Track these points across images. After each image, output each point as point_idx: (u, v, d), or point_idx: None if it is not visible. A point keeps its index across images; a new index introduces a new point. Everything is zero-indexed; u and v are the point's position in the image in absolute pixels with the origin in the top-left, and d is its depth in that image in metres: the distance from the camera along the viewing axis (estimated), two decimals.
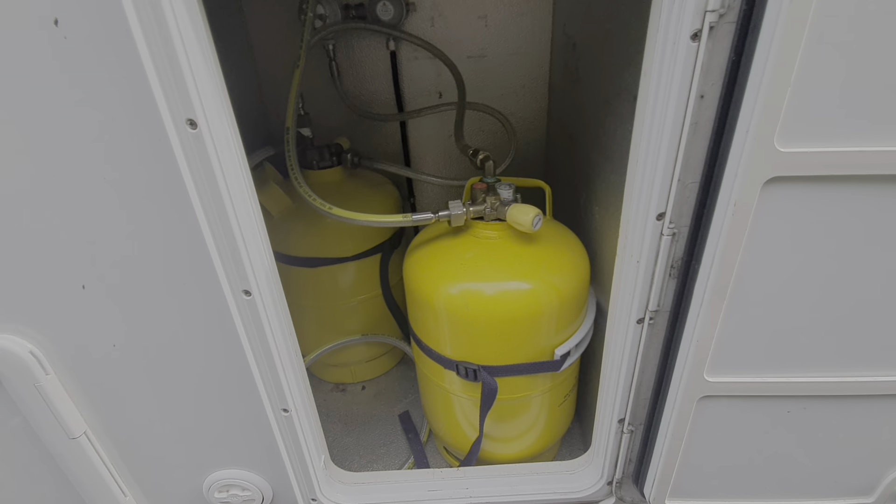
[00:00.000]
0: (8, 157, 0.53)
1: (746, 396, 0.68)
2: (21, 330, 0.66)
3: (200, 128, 0.51)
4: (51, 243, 0.59)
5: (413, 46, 1.25)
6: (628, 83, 0.73)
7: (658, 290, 0.64)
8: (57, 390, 0.71)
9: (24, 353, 0.66)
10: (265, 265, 0.63)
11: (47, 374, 0.69)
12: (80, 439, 0.75)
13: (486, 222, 0.83)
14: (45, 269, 0.61)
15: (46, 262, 0.61)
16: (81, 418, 0.75)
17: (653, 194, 0.58)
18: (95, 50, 0.48)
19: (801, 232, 0.56)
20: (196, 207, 0.55)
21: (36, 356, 0.68)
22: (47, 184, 0.55)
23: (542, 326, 0.81)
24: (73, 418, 0.74)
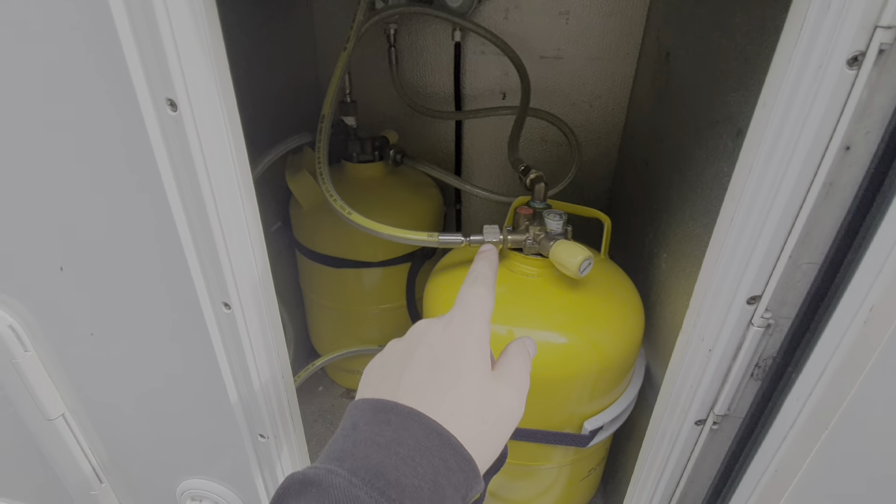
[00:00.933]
0: None
1: None
2: (4, 300, 0.62)
3: (181, 110, 0.42)
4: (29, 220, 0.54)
5: (481, 40, 1.12)
6: (732, 112, 0.56)
7: (732, 392, 0.48)
8: (36, 369, 0.67)
9: (3, 326, 0.62)
10: (253, 276, 0.54)
11: (26, 350, 0.65)
12: (56, 421, 0.71)
13: (526, 256, 0.70)
14: (26, 245, 0.56)
15: (26, 238, 0.55)
16: (61, 400, 0.71)
17: (748, 268, 0.42)
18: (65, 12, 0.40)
19: None
20: (173, 203, 0.47)
21: (15, 331, 0.63)
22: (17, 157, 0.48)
23: (572, 391, 0.67)
24: (51, 399, 0.69)
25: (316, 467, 0.30)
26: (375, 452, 0.30)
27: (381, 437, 0.31)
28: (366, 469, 0.29)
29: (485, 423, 0.34)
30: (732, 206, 0.43)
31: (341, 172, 1.07)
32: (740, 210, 0.42)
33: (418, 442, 0.31)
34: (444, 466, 0.30)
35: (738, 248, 0.42)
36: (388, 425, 0.31)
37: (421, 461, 0.30)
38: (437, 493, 0.30)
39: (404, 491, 0.29)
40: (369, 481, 0.28)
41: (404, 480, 0.29)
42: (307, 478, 0.29)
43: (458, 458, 0.31)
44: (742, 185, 0.42)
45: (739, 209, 0.42)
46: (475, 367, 0.36)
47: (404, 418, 0.32)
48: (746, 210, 0.41)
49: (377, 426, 0.32)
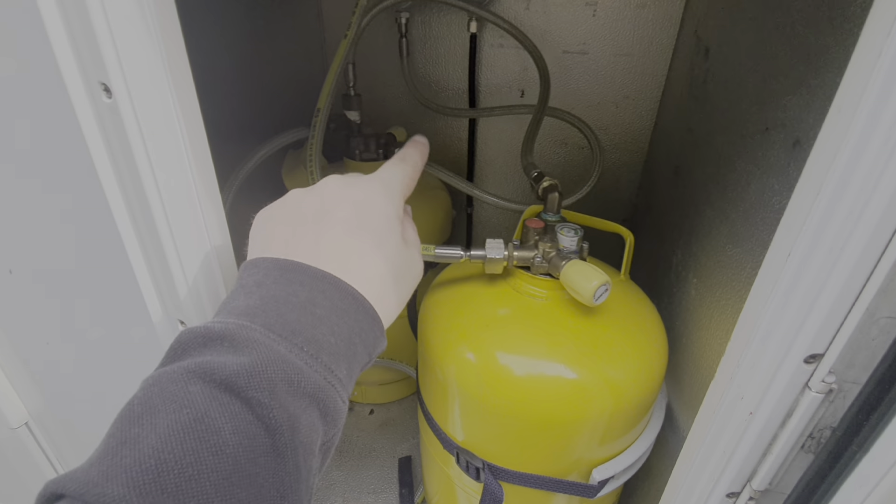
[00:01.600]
0: None
1: None
2: None
3: (116, 96, 0.35)
4: None
5: (499, 31, 1.03)
6: (788, 118, 0.47)
7: (776, 464, 0.39)
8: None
9: None
10: (217, 292, 0.47)
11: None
12: (19, 430, 0.66)
13: (533, 276, 0.62)
14: None
15: None
16: (24, 408, 0.66)
17: (808, 320, 0.33)
18: None
19: None
20: (114, 208, 0.40)
21: None
22: None
23: (581, 434, 0.58)
24: (12, 407, 0.65)
25: (221, 321, 0.29)
26: (290, 311, 0.30)
27: (296, 296, 0.30)
28: (281, 325, 0.29)
29: (399, 283, 0.37)
30: (790, 238, 0.34)
31: (342, 171, 0.99)
32: (801, 244, 0.33)
33: (334, 304, 0.31)
34: (357, 327, 0.32)
35: (796, 293, 0.33)
36: (301, 286, 0.31)
37: (338, 321, 0.31)
38: (350, 350, 0.31)
39: (322, 348, 0.29)
40: (287, 337, 0.28)
41: (321, 338, 0.29)
42: (212, 332, 0.28)
43: (369, 319, 0.33)
44: (805, 212, 0.32)
45: (800, 243, 0.33)
46: (392, 229, 0.37)
47: (318, 280, 0.32)
48: (810, 245, 0.32)
49: (289, 285, 0.31)
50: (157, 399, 0.25)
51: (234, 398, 0.25)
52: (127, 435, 0.24)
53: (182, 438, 0.23)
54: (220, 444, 0.24)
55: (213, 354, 0.27)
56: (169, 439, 0.23)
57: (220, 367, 0.26)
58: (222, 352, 0.27)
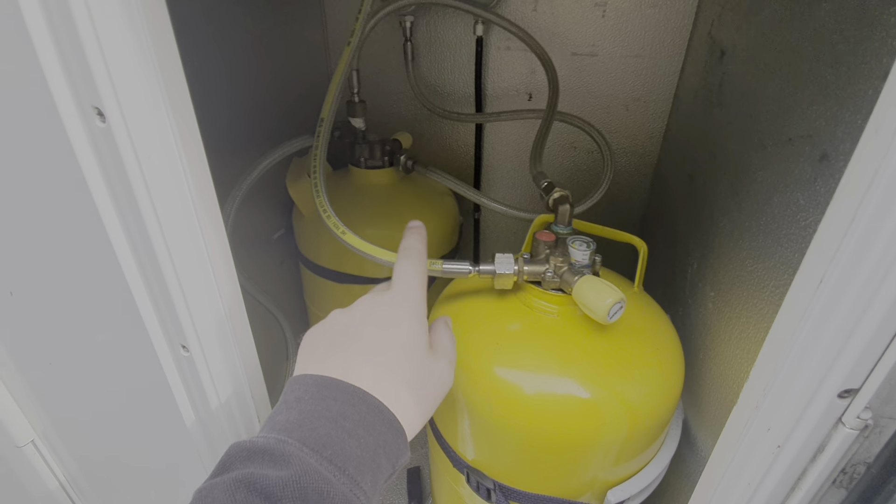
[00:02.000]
0: None
1: None
2: None
3: (110, 121, 0.34)
4: None
5: (506, 34, 1.01)
6: (816, 129, 0.44)
7: (805, 499, 0.37)
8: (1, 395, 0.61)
9: None
10: (218, 313, 0.46)
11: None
12: (25, 448, 0.66)
13: (544, 291, 0.60)
14: None
15: None
16: (29, 426, 0.65)
17: (843, 353, 0.31)
18: None
19: None
20: (110, 231, 0.39)
21: None
22: None
23: (595, 454, 0.56)
24: (17, 426, 0.64)
25: (264, 437, 0.32)
26: (323, 425, 0.33)
27: (328, 411, 0.33)
28: (314, 439, 0.32)
29: (421, 394, 0.39)
30: (822, 264, 0.32)
31: (347, 179, 0.98)
32: (835, 271, 0.31)
33: (362, 417, 0.34)
34: (381, 439, 0.34)
35: (830, 324, 0.31)
36: (334, 400, 0.34)
37: (364, 434, 0.33)
38: (375, 463, 0.33)
39: (349, 460, 0.32)
40: (318, 451, 0.31)
41: (349, 451, 0.32)
42: (256, 446, 0.31)
43: (393, 432, 0.35)
44: (839, 235, 0.30)
45: (834, 270, 0.31)
46: (416, 343, 0.40)
47: (349, 395, 0.35)
48: (846, 272, 0.30)
49: (323, 401, 0.34)
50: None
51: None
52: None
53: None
54: None
55: (256, 467, 0.30)
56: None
57: (262, 479, 0.29)
58: (264, 465, 0.30)
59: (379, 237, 0.68)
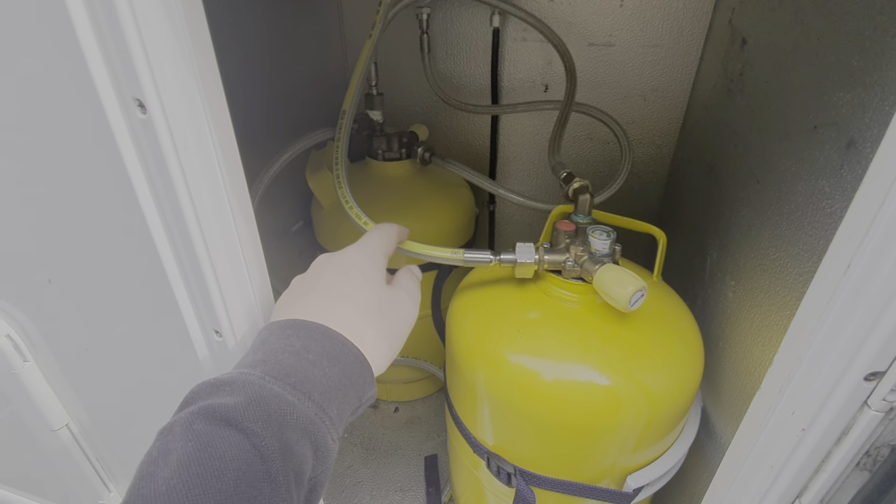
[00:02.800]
0: None
1: None
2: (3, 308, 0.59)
3: (151, 112, 0.35)
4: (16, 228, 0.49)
5: (522, 25, 1.01)
6: (842, 116, 0.44)
7: (829, 481, 0.37)
8: (36, 380, 0.63)
9: (1, 336, 0.59)
10: (248, 300, 0.47)
11: (25, 361, 0.61)
12: (60, 432, 0.68)
13: (565, 280, 0.60)
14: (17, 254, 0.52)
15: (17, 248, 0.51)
16: (64, 411, 0.68)
17: (870, 336, 0.31)
18: None
19: None
20: (150, 220, 0.41)
21: (14, 341, 0.60)
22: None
23: (614, 441, 0.57)
24: (53, 410, 0.66)
25: (227, 373, 0.33)
26: (287, 358, 0.33)
27: (291, 346, 0.34)
28: (278, 370, 0.32)
29: (382, 323, 0.40)
30: (850, 249, 0.32)
31: (365, 171, 0.99)
32: (864, 256, 0.31)
33: (325, 349, 0.35)
34: (348, 370, 0.35)
35: (857, 308, 0.31)
36: (297, 337, 0.35)
37: (328, 365, 0.34)
38: (340, 392, 0.34)
39: (314, 387, 0.32)
40: (282, 378, 0.32)
41: (314, 379, 0.33)
42: (218, 380, 0.32)
43: (358, 364, 0.36)
44: (868, 221, 0.31)
45: (862, 255, 0.31)
46: (370, 278, 0.42)
47: (311, 331, 0.36)
48: (874, 257, 0.30)
49: (287, 339, 0.35)
50: (168, 440, 0.29)
51: (233, 430, 0.29)
52: (145, 471, 0.28)
53: (188, 466, 0.27)
54: (221, 469, 0.27)
55: (216, 398, 0.30)
56: (178, 468, 0.27)
57: (221, 406, 0.29)
58: (224, 395, 0.30)
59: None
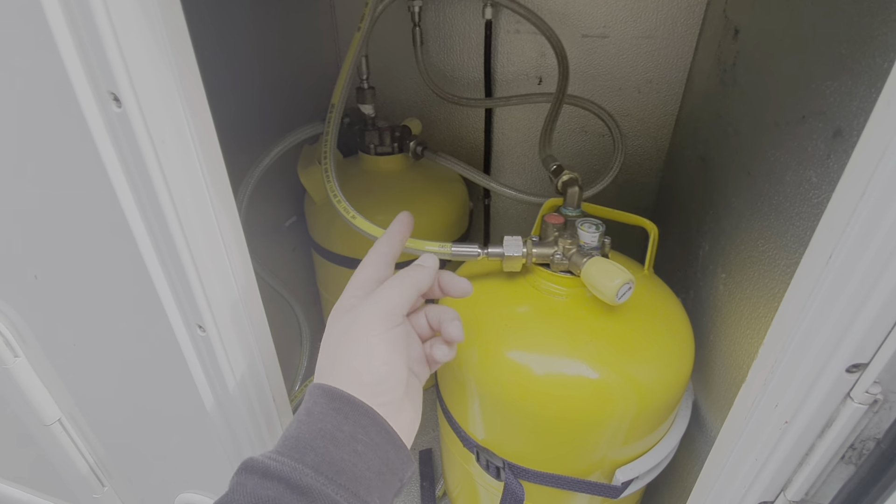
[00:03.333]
0: None
1: None
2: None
3: (126, 106, 0.35)
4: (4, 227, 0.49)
5: (515, 17, 1.00)
6: (829, 105, 0.44)
7: (813, 475, 0.37)
8: (27, 375, 0.63)
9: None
10: (232, 295, 0.47)
11: (16, 356, 0.61)
12: (52, 427, 0.68)
13: (553, 273, 0.60)
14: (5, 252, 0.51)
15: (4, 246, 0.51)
16: (56, 406, 0.68)
17: (852, 327, 0.31)
18: None
19: None
20: (129, 215, 0.40)
21: (4, 336, 0.60)
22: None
23: (603, 434, 0.57)
24: (45, 405, 0.66)
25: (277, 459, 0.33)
26: (336, 450, 0.35)
27: (341, 432, 0.35)
28: (329, 466, 0.34)
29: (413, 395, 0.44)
30: (832, 239, 0.31)
31: (358, 166, 0.99)
32: (845, 245, 0.30)
33: (371, 439, 0.36)
34: (387, 458, 0.37)
35: (839, 298, 0.31)
36: (345, 419, 0.36)
37: (372, 456, 0.36)
38: (382, 481, 0.36)
39: (360, 483, 0.34)
40: (333, 478, 0.33)
41: (360, 474, 0.35)
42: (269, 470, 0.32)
43: (397, 450, 0.38)
44: (849, 210, 0.30)
45: (843, 244, 0.31)
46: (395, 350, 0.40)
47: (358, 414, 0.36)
48: (856, 246, 0.30)
49: (335, 418, 0.36)
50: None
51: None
52: None
53: None
54: None
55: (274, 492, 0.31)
56: None
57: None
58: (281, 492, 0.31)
59: (389, 223, 0.68)
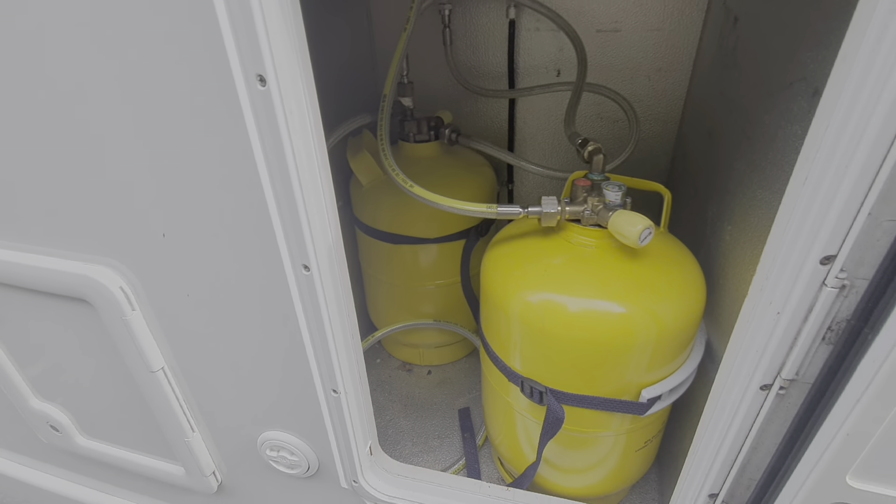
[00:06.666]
0: (107, 103, 0.54)
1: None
2: (114, 265, 0.70)
3: (269, 85, 0.46)
4: (136, 188, 0.60)
5: (536, 16, 1.12)
6: (808, 72, 0.54)
7: (801, 355, 0.47)
8: (141, 326, 0.75)
9: (115, 287, 0.71)
10: (328, 241, 0.59)
11: (133, 309, 0.73)
12: (157, 374, 0.80)
13: (584, 227, 0.71)
14: (133, 212, 0.63)
15: (133, 206, 0.62)
16: (161, 355, 0.80)
17: (822, 227, 0.42)
18: None
19: None
20: (261, 173, 0.52)
21: (125, 292, 0.72)
22: (137, 129, 0.55)
23: (630, 360, 0.67)
24: (153, 354, 0.78)
25: None
26: None
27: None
28: None
29: None
30: (807, 166, 0.42)
31: (398, 152, 1.11)
32: (815, 168, 0.41)
33: None
34: None
35: (813, 207, 0.42)
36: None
37: None
38: None
39: None
40: None
41: None
42: None
43: None
44: (818, 142, 0.41)
45: (815, 167, 0.41)
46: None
47: None
48: (823, 167, 0.41)
49: None
50: None
51: None
52: None
53: None
54: None
55: None
56: None
57: None
58: None
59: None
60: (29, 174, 0.63)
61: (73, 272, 0.70)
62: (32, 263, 0.72)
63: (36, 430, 1.03)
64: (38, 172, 0.62)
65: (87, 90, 0.53)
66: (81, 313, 0.77)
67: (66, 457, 1.09)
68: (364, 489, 0.83)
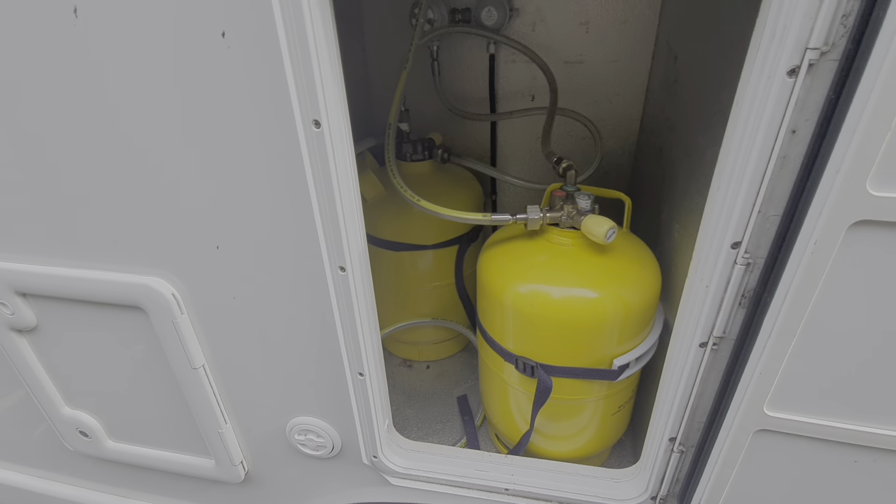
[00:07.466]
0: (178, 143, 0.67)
1: (808, 437, 0.67)
2: (167, 275, 0.82)
3: (323, 127, 0.61)
4: (199, 210, 0.73)
5: (512, 50, 1.29)
6: (725, 106, 0.72)
7: (725, 318, 0.64)
8: (187, 328, 0.87)
9: (168, 294, 0.83)
10: (359, 246, 0.73)
11: (182, 313, 0.85)
12: (199, 370, 0.92)
13: (562, 229, 0.87)
14: (192, 229, 0.76)
15: (193, 224, 0.75)
16: (202, 353, 0.91)
17: (731, 222, 0.58)
18: (249, 57, 0.59)
19: (883, 277, 0.54)
20: (311, 195, 0.66)
21: (176, 298, 0.84)
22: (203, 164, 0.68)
23: (603, 335, 0.83)
24: (196, 352, 0.90)
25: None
26: None
27: None
28: None
29: None
30: (718, 178, 0.59)
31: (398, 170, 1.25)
32: (723, 179, 0.58)
33: None
34: None
35: (724, 207, 0.58)
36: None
37: None
38: None
39: None
40: None
41: None
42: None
43: None
44: (725, 160, 0.58)
45: (723, 179, 0.58)
46: None
47: None
48: (728, 178, 0.57)
49: None
50: None
51: None
52: None
53: None
54: None
55: None
56: None
57: None
58: None
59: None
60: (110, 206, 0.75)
61: (133, 283, 0.82)
62: (94, 277, 0.84)
63: (64, 437, 1.12)
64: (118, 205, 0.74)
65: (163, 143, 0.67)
66: (132, 319, 0.88)
67: (88, 465, 1.18)
68: (383, 463, 0.96)
